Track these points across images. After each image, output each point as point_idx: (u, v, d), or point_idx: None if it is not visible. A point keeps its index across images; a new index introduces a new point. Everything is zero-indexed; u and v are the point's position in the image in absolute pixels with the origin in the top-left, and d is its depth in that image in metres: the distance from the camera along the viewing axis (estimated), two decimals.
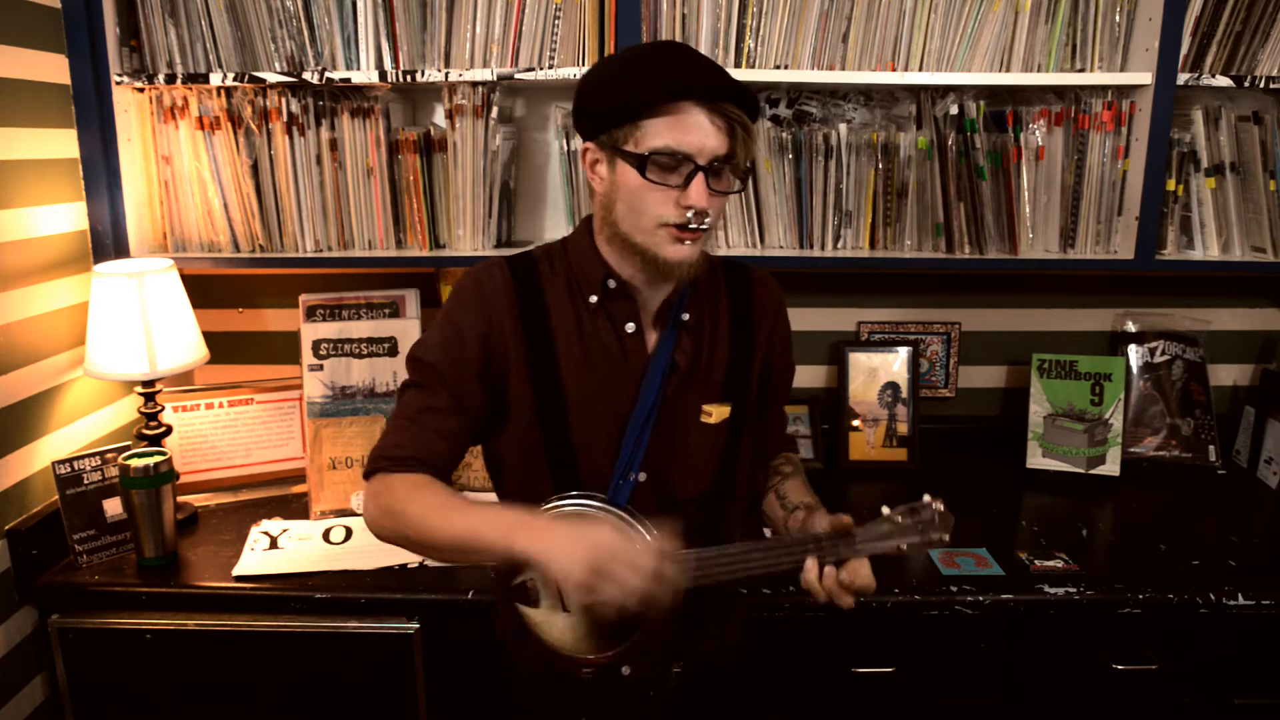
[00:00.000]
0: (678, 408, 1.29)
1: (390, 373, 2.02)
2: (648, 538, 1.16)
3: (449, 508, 1.17)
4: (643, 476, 1.27)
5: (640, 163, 1.15)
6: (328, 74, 1.86)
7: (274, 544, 1.80)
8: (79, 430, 1.89)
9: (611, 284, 1.26)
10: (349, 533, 1.85)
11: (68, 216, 1.85)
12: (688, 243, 1.18)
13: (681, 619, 1.27)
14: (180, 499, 1.92)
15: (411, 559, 1.73)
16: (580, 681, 1.30)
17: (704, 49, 1.86)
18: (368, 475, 1.25)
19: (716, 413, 1.30)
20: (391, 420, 1.28)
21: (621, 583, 1.05)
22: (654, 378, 1.26)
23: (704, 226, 1.17)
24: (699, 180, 1.15)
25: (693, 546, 1.18)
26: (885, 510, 1.20)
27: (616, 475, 1.25)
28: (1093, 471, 2.14)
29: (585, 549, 1.06)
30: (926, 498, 1.20)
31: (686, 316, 1.29)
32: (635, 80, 1.16)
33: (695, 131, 1.14)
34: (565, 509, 1.21)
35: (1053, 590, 1.63)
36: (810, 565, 1.18)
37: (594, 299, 1.26)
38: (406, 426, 1.25)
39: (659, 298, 1.28)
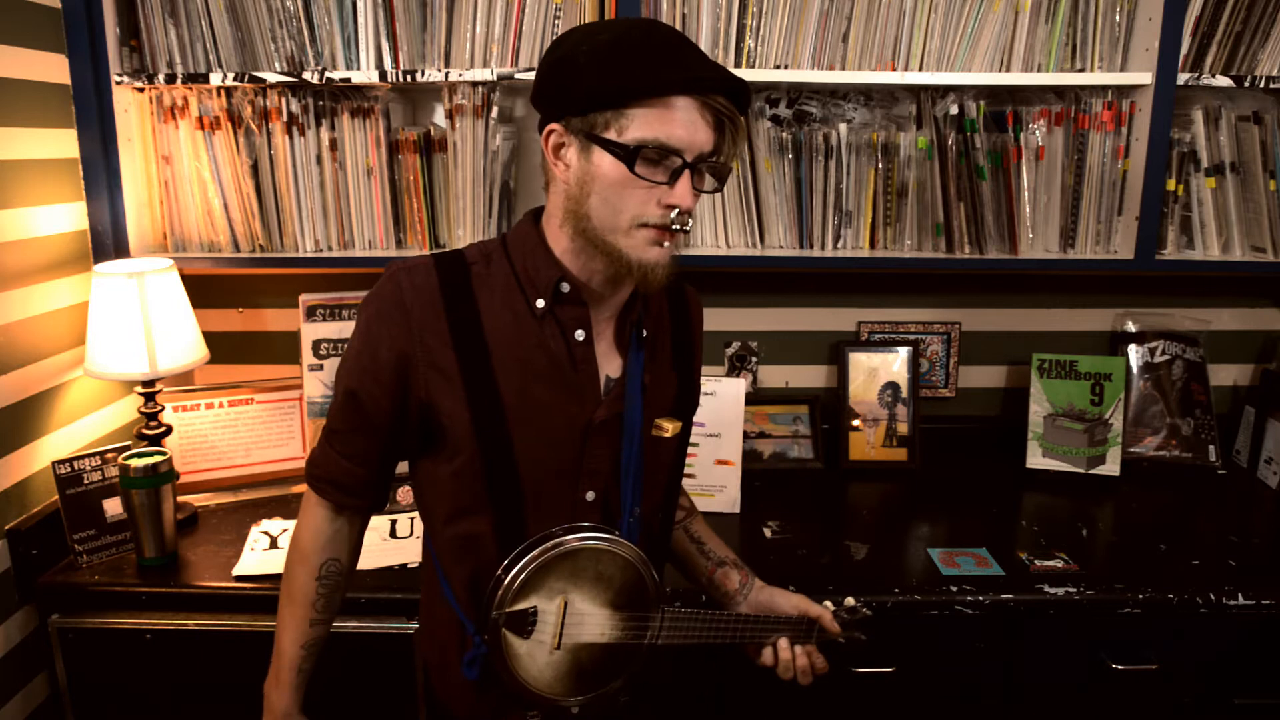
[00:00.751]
0: (637, 424, 1.20)
1: None
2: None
3: (281, 621, 1.28)
4: (591, 495, 1.18)
5: (628, 155, 1.03)
6: (328, 74, 1.86)
7: (274, 544, 1.80)
8: (79, 430, 1.89)
9: (565, 287, 1.13)
10: None
11: (68, 216, 1.85)
12: (665, 244, 1.08)
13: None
14: (180, 499, 1.92)
15: (412, 559, 1.73)
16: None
17: (704, 49, 1.86)
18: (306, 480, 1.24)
19: (671, 427, 1.22)
20: (322, 428, 1.22)
21: None
22: (633, 401, 1.17)
23: (687, 228, 1.07)
24: (685, 178, 1.05)
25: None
26: (829, 605, 1.34)
27: (624, 513, 1.18)
28: (1093, 471, 2.14)
29: None
30: (849, 600, 1.36)
31: (646, 332, 1.20)
32: (630, 62, 1.03)
33: (687, 126, 1.03)
34: (589, 546, 1.14)
35: (1053, 590, 1.63)
36: (784, 645, 1.29)
37: (541, 304, 1.13)
38: (322, 445, 1.21)
39: (613, 303, 1.17)
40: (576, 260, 1.13)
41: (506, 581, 1.12)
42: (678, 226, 1.06)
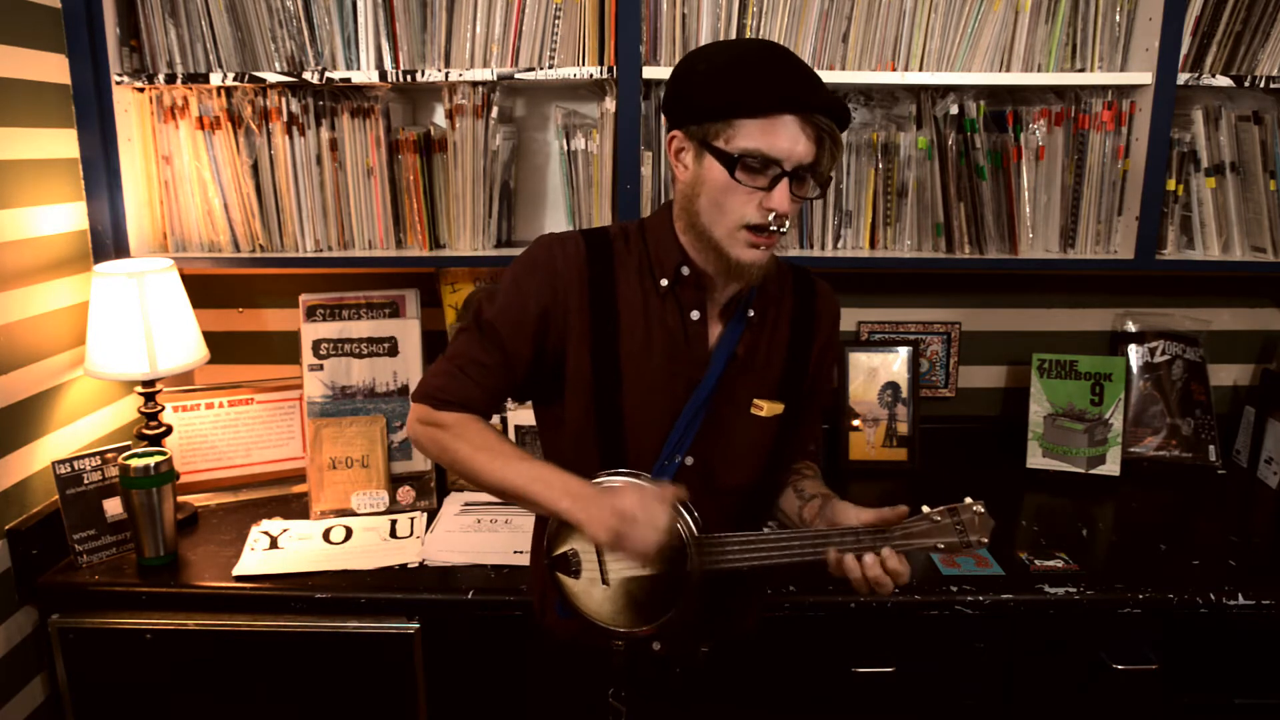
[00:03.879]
0: (732, 398, 1.31)
1: (390, 373, 2.02)
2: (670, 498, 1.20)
3: (499, 454, 1.26)
4: (690, 460, 1.29)
5: (730, 162, 1.17)
6: (328, 74, 1.86)
7: (274, 544, 1.80)
8: (79, 430, 1.89)
9: (685, 271, 1.28)
10: (349, 533, 1.85)
11: (68, 216, 1.85)
12: (762, 247, 1.20)
13: (712, 602, 1.32)
14: (180, 499, 1.92)
15: (412, 559, 1.73)
16: (611, 653, 1.33)
17: None
18: (414, 400, 1.33)
19: (768, 408, 1.32)
20: (440, 361, 1.33)
21: (640, 541, 1.14)
22: (716, 366, 1.29)
23: (783, 230, 1.19)
24: (783, 185, 1.17)
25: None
26: (925, 509, 1.20)
27: (663, 456, 1.28)
28: (1093, 471, 2.14)
29: (612, 514, 1.15)
30: (968, 500, 1.20)
31: (752, 313, 1.31)
32: (740, 80, 1.17)
33: (787, 139, 1.16)
34: (613, 483, 1.24)
35: (1053, 590, 1.63)
36: (850, 559, 1.20)
37: (665, 282, 1.28)
38: (454, 374, 1.30)
39: (728, 292, 1.30)
40: (694, 250, 1.27)
41: (548, 529, 1.27)
42: (775, 228, 1.19)
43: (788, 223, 1.19)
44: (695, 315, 1.29)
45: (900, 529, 1.20)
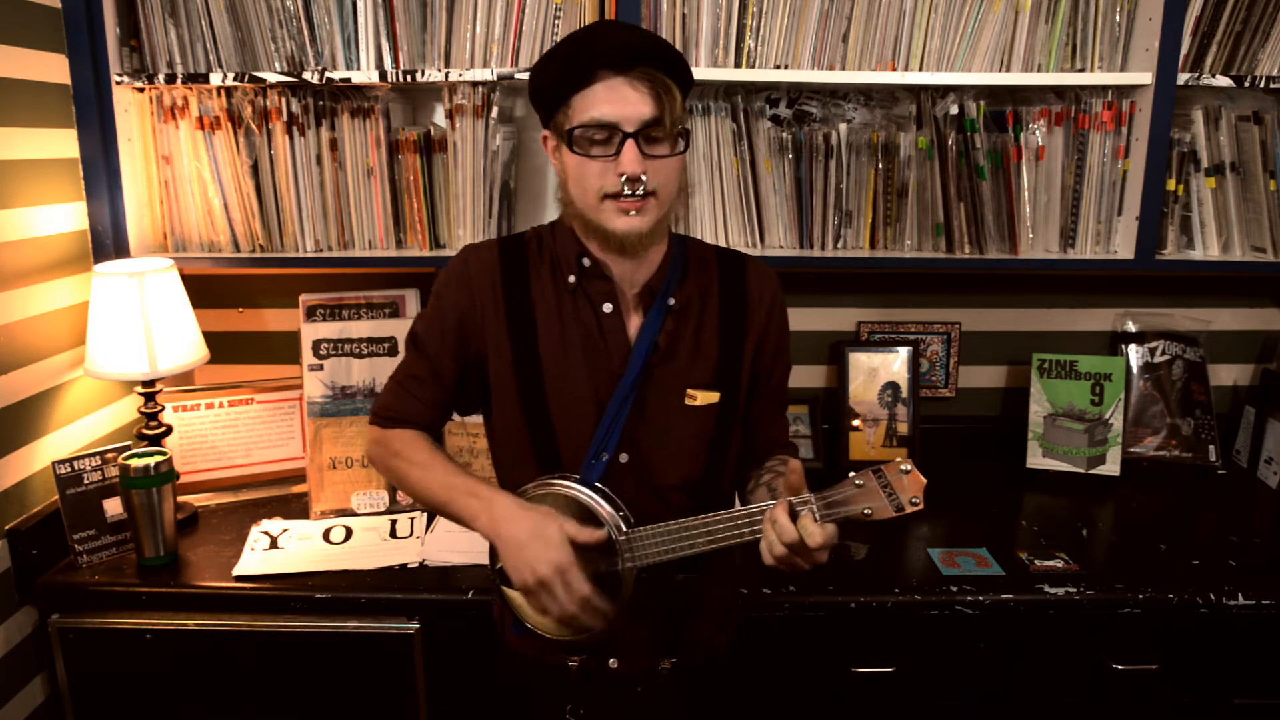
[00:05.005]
0: (661, 390, 1.29)
1: (390, 373, 2.02)
2: (605, 515, 1.21)
3: (431, 468, 1.30)
4: (624, 457, 1.28)
5: (567, 138, 1.20)
6: (328, 74, 1.86)
7: (274, 544, 1.80)
8: (79, 430, 1.89)
9: (586, 262, 1.28)
10: (349, 533, 1.85)
11: (68, 216, 1.85)
12: (633, 212, 1.20)
13: (667, 614, 1.31)
14: (180, 499, 1.92)
15: (412, 559, 1.73)
16: (568, 671, 1.32)
17: (704, 49, 1.86)
18: (369, 422, 1.39)
19: (703, 397, 1.30)
20: (390, 378, 1.38)
21: (558, 603, 1.17)
22: (637, 358, 1.27)
23: (639, 192, 1.18)
24: (629, 147, 1.17)
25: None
26: (851, 474, 1.14)
27: (590, 454, 1.26)
28: (1093, 471, 2.14)
29: (532, 559, 1.17)
30: (897, 459, 1.13)
31: (673, 301, 1.30)
32: (555, 61, 1.21)
33: (616, 100, 1.17)
34: (540, 492, 1.26)
35: (1053, 590, 1.63)
36: (765, 538, 1.15)
37: (572, 279, 1.29)
38: (397, 391, 1.36)
39: (638, 277, 1.29)
40: (588, 239, 1.28)
41: (489, 545, 1.27)
42: (629, 191, 1.18)
43: (644, 184, 1.18)
44: (608, 308, 1.28)
45: (820, 497, 1.13)
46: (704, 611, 1.37)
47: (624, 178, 1.17)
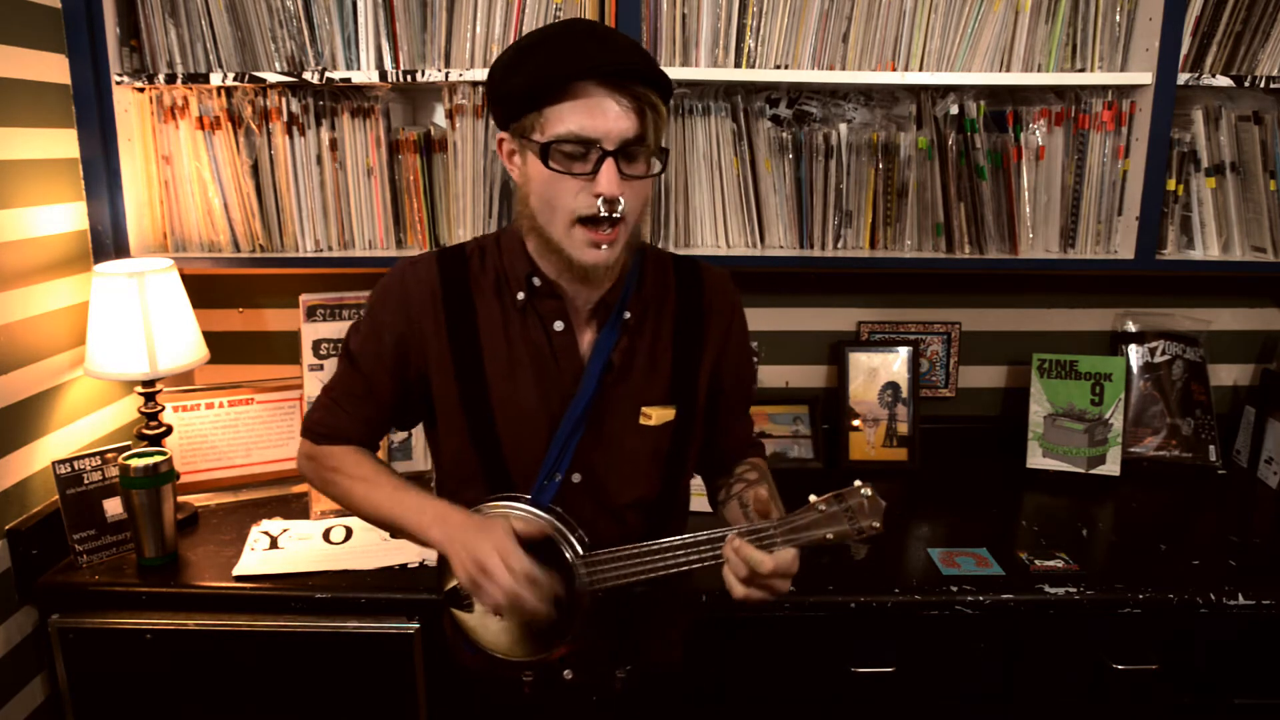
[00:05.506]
0: (614, 408, 1.23)
1: None
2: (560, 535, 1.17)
3: (374, 483, 1.25)
4: (577, 478, 1.23)
5: (544, 151, 1.09)
6: (328, 74, 1.86)
7: (274, 544, 1.80)
8: (79, 430, 1.89)
9: (536, 281, 1.21)
10: (349, 533, 1.85)
11: (68, 216, 1.85)
12: (604, 246, 1.12)
13: (622, 624, 1.27)
14: (180, 499, 1.92)
15: (412, 559, 1.73)
16: (523, 684, 1.29)
17: (704, 49, 1.86)
18: (301, 435, 1.34)
19: (657, 415, 1.24)
20: (322, 392, 1.32)
21: (500, 585, 1.11)
22: (590, 377, 1.21)
23: (616, 215, 1.10)
24: (608, 166, 1.08)
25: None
26: (812, 498, 1.11)
27: (541, 476, 1.21)
28: (1093, 471, 2.14)
29: (473, 546, 1.12)
30: (856, 483, 1.11)
31: (628, 315, 1.23)
32: (534, 64, 1.09)
33: (600, 115, 1.07)
34: (492, 513, 1.21)
35: (1053, 590, 1.63)
36: (725, 572, 1.12)
37: (521, 296, 1.21)
38: (330, 407, 1.30)
39: (592, 296, 1.21)
40: (543, 257, 1.20)
41: (437, 563, 1.25)
42: (606, 214, 1.09)
43: (622, 206, 1.09)
44: (559, 326, 1.21)
45: (785, 523, 1.11)
46: (660, 621, 1.35)
47: (601, 199, 1.09)
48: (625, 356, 1.23)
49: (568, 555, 1.17)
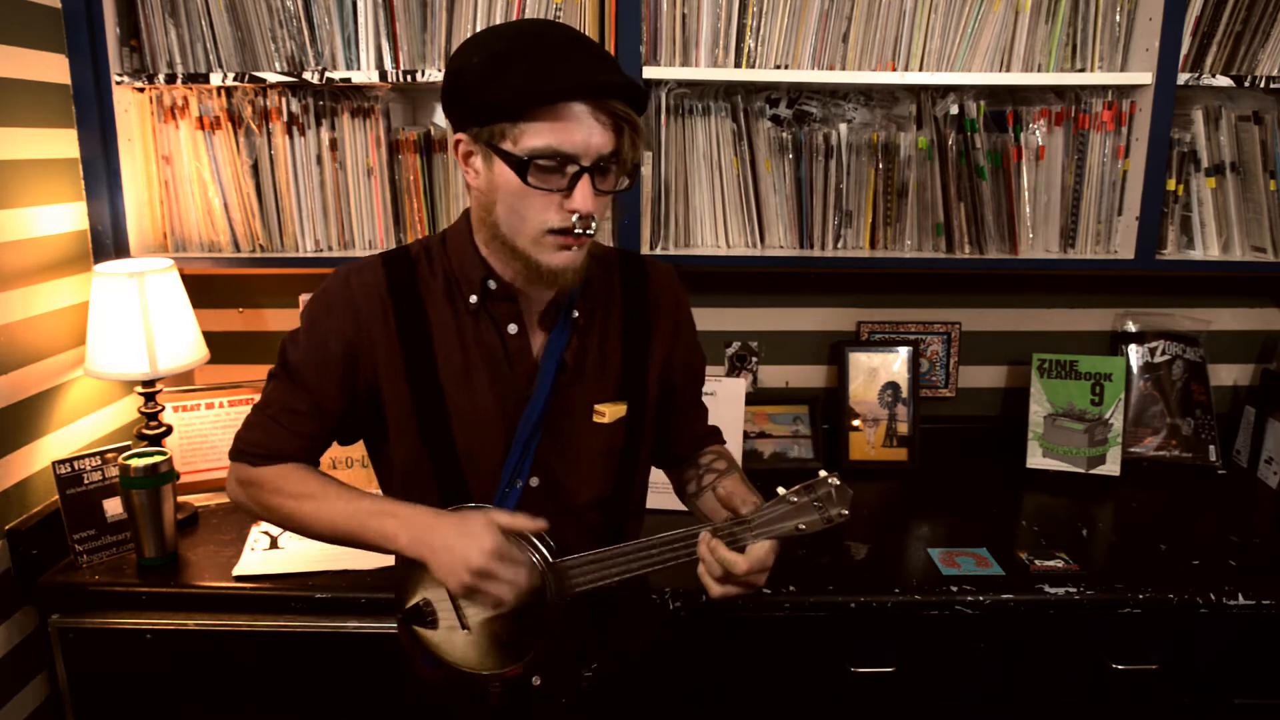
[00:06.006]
0: (568, 409, 1.22)
1: None
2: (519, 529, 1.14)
3: (323, 497, 1.18)
4: (535, 481, 1.21)
5: (520, 166, 1.06)
6: (328, 74, 1.86)
7: (274, 544, 1.80)
8: (79, 430, 1.89)
9: (492, 285, 1.18)
10: None
11: (68, 216, 1.85)
12: (573, 249, 1.11)
13: (589, 622, 1.25)
14: (180, 499, 1.92)
15: None
16: (489, 695, 1.25)
17: (704, 49, 1.86)
18: (230, 458, 1.27)
19: (610, 412, 1.23)
20: (254, 411, 1.26)
21: (504, 585, 1.09)
22: (544, 378, 1.19)
23: (590, 231, 1.09)
24: (584, 183, 1.07)
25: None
26: (780, 490, 1.11)
27: (503, 482, 1.19)
28: (1093, 471, 2.14)
29: (464, 555, 1.08)
30: (822, 473, 1.11)
31: (576, 314, 1.22)
32: (520, 71, 1.05)
33: (580, 131, 1.05)
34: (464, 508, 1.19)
35: (1053, 590, 1.63)
36: (700, 571, 1.12)
37: (474, 299, 1.18)
38: (267, 425, 1.23)
39: (544, 298, 1.21)
40: (498, 261, 1.17)
41: (395, 577, 1.22)
42: (580, 230, 1.08)
43: (595, 222, 1.09)
44: (513, 329, 1.19)
45: (759, 517, 1.11)
46: (626, 616, 1.34)
47: (576, 215, 1.07)
48: (577, 356, 1.22)
49: (536, 561, 1.15)
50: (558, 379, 1.20)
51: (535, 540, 1.16)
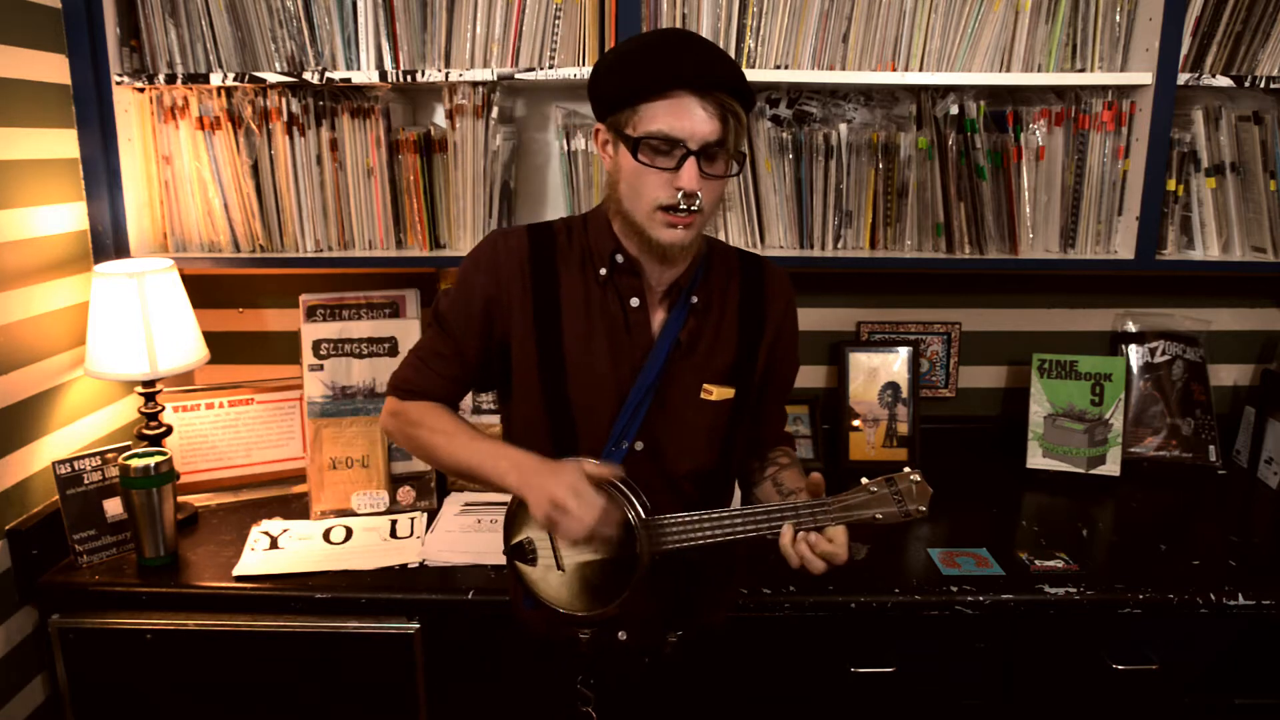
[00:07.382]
0: (679, 383, 1.33)
1: (390, 373, 2.02)
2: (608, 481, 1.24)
3: (454, 435, 1.34)
4: (640, 445, 1.32)
5: (634, 145, 1.21)
6: (328, 74, 1.86)
7: (274, 544, 1.80)
8: (79, 430, 1.89)
9: (619, 258, 1.32)
10: (349, 533, 1.85)
11: (68, 216, 1.85)
12: (680, 227, 1.23)
13: (675, 589, 1.35)
14: (180, 499, 1.92)
15: (412, 559, 1.73)
16: (578, 643, 1.36)
17: None
18: (387, 394, 1.43)
19: (718, 392, 1.35)
20: (410, 353, 1.41)
21: (577, 518, 1.18)
22: (659, 352, 1.31)
23: (694, 208, 1.22)
24: (690, 164, 1.20)
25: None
26: (864, 480, 1.22)
27: (610, 441, 1.31)
28: (1093, 471, 2.14)
29: (550, 484, 1.20)
30: (906, 469, 1.22)
31: (695, 299, 1.34)
32: (635, 67, 1.22)
33: (687, 117, 1.19)
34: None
35: (1053, 590, 1.63)
36: (786, 531, 1.22)
37: (603, 271, 1.32)
38: (418, 366, 1.39)
39: (666, 277, 1.33)
40: (626, 237, 1.31)
41: (506, 514, 1.35)
42: (684, 206, 1.21)
43: (699, 201, 1.21)
44: (635, 302, 1.33)
45: (838, 501, 1.21)
46: (711, 586, 1.43)
47: (681, 192, 1.21)
48: (691, 336, 1.34)
49: (631, 517, 1.24)
50: (671, 354, 1.32)
51: (634, 499, 1.25)
